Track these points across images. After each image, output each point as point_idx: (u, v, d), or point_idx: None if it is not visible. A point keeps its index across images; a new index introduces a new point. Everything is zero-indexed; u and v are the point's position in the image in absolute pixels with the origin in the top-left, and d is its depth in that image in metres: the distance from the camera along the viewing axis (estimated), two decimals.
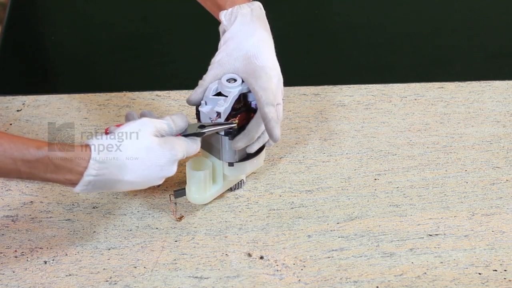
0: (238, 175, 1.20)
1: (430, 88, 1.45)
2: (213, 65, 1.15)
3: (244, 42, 1.13)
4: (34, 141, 1.02)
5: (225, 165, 1.18)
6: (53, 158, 1.01)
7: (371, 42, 1.61)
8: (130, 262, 1.13)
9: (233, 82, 1.12)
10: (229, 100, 1.12)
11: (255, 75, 1.11)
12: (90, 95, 1.41)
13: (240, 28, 1.14)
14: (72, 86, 1.49)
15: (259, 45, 1.13)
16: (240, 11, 1.15)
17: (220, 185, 1.20)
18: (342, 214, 1.21)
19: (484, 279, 1.12)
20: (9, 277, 1.11)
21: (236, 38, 1.13)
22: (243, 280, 1.11)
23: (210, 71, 1.14)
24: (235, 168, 1.18)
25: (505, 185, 1.27)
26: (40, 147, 1.01)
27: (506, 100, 1.43)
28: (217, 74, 1.14)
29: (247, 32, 1.14)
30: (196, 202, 1.19)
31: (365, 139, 1.34)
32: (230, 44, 1.14)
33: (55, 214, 1.20)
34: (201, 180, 1.17)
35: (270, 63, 1.13)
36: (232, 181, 1.22)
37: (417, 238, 1.18)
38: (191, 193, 1.18)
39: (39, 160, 1.01)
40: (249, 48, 1.13)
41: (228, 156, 1.16)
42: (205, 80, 1.14)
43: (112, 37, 1.62)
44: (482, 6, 1.72)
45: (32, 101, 1.40)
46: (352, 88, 1.45)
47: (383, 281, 1.11)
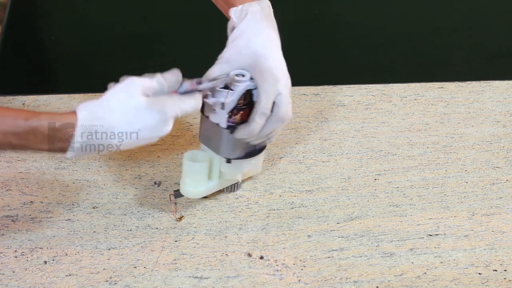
0: (235, 173, 1.20)
1: (430, 88, 1.45)
2: (221, 60, 1.14)
3: (253, 41, 1.13)
4: (22, 113, 1.02)
5: (222, 161, 1.17)
6: (41, 129, 1.02)
7: (371, 42, 1.61)
8: (130, 262, 1.13)
9: (242, 77, 1.12)
10: (235, 93, 1.12)
11: (262, 77, 1.11)
12: (90, 95, 1.41)
13: (249, 25, 1.14)
14: (72, 86, 1.49)
15: (267, 44, 1.13)
16: (250, 9, 1.14)
17: (215, 181, 1.20)
18: (342, 214, 1.21)
19: (484, 279, 1.12)
20: (9, 277, 1.11)
21: (245, 36, 1.13)
22: (243, 280, 1.11)
23: (216, 66, 1.13)
24: (232, 165, 1.17)
25: (505, 185, 1.27)
26: (28, 118, 1.02)
27: (506, 100, 1.43)
28: (223, 70, 1.13)
29: (256, 30, 1.13)
30: (189, 195, 1.19)
31: (365, 139, 1.34)
32: (239, 41, 1.13)
33: (55, 214, 1.20)
34: (196, 172, 1.16)
35: (278, 64, 1.13)
36: (228, 181, 1.22)
37: (417, 238, 1.18)
38: (185, 185, 1.17)
39: (29, 132, 1.02)
40: (257, 47, 1.13)
41: (226, 152, 1.16)
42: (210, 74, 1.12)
43: (112, 37, 1.62)
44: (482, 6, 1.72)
45: (32, 101, 1.40)
46: (352, 88, 1.45)
47: (383, 281, 1.12)
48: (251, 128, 1.12)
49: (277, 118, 1.12)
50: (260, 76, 1.11)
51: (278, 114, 1.12)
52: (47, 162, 1.28)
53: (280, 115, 1.12)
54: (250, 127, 1.12)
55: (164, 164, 1.29)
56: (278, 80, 1.11)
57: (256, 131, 1.12)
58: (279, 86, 1.12)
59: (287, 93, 1.13)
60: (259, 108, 1.11)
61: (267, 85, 1.11)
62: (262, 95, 1.11)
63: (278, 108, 1.12)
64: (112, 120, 1.04)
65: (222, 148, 1.15)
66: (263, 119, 1.11)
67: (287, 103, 1.12)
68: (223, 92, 1.12)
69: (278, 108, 1.12)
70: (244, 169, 1.19)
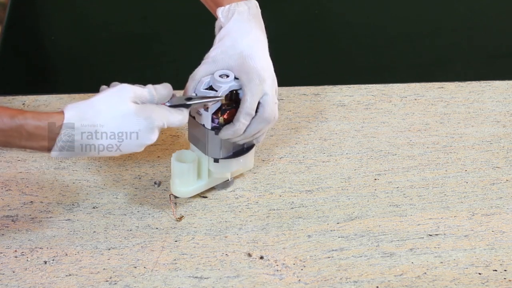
0: (224, 172, 1.20)
1: (430, 88, 1.45)
2: (207, 60, 1.14)
3: (239, 41, 1.13)
4: (8, 110, 1.02)
5: (210, 160, 1.18)
6: (26, 126, 1.02)
7: (371, 42, 1.61)
8: (130, 262, 1.13)
9: (226, 78, 1.12)
10: (218, 94, 1.12)
11: (248, 77, 1.12)
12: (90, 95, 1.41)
13: (236, 25, 1.14)
14: (72, 86, 1.49)
15: (254, 45, 1.13)
16: (237, 9, 1.15)
17: (205, 181, 1.20)
18: (342, 214, 1.21)
19: (484, 279, 1.12)
20: (9, 277, 1.11)
21: (231, 35, 1.13)
22: (243, 280, 1.11)
23: (203, 66, 1.14)
24: (220, 164, 1.18)
25: (505, 185, 1.27)
26: (14, 116, 1.02)
27: (506, 100, 1.43)
28: (209, 70, 1.13)
29: (243, 31, 1.14)
30: (179, 195, 1.20)
31: (365, 139, 1.34)
32: (226, 41, 1.14)
33: (55, 214, 1.20)
34: (184, 172, 1.17)
35: (264, 64, 1.13)
36: (218, 179, 1.22)
37: (417, 238, 1.18)
38: (175, 185, 1.18)
39: (13, 129, 1.02)
40: (244, 48, 1.13)
41: (213, 152, 1.16)
42: (196, 74, 1.13)
43: (112, 37, 1.62)
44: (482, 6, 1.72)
45: (32, 101, 1.40)
46: (352, 88, 1.45)
47: (383, 281, 1.11)
48: (236, 128, 1.12)
49: (262, 118, 1.12)
50: (246, 76, 1.12)
51: (263, 115, 1.12)
52: (47, 162, 1.28)
53: (265, 116, 1.12)
54: (234, 127, 1.12)
55: (164, 164, 1.29)
56: (264, 80, 1.12)
57: (240, 131, 1.12)
58: (265, 86, 1.12)
59: (273, 94, 1.13)
60: (244, 108, 1.11)
61: (253, 85, 1.11)
62: (247, 95, 1.11)
63: (263, 108, 1.12)
64: (100, 122, 1.04)
65: (209, 148, 1.16)
66: (247, 119, 1.12)
67: (273, 104, 1.13)
68: (207, 93, 1.12)
69: (264, 108, 1.12)
70: (232, 168, 1.20)
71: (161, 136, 1.33)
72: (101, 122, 1.04)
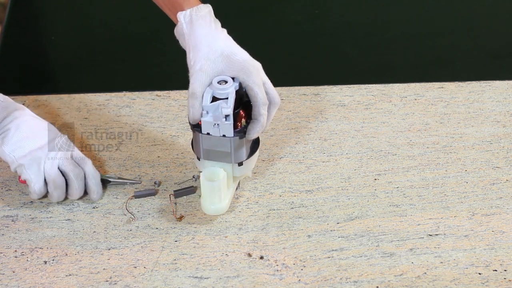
0: (246, 172, 1.21)
1: (430, 88, 1.45)
2: (196, 73, 1.13)
3: (214, 44, 1.14)
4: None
5: (235, 166, 1.18)
6: None
7: (371, 42, 1.61)
8: (130, 262, 1.13)
9: (225, 83, 1.12)
10: (230, 101, 1.12)
11: (245, 71, 1.13)
12: (90, 95, 1.41)
13: (205, 30, 1.15)
14: (72, 86, 1.49)
15: (229, 43, 1.15)
16: (199, 13, 1.15)
17: (232, 188, 1.20)
18: (342, 214, 1.21)
19: (484, 279, 1.12)
20: (9, 277, 1.11)
21: (205, 41, 1.14)
22: (243, 280, 1.11)
23: (197, 81, 1.13)
24: (244, 166, 1.18)
25: (505, 185, 1.27)
26: None
27: (506, 100, 1.43)
28: (204, 81, 1.13)
29: (213, 33, 1.15)
30: (215, 213, 1.19)
31: (365, 139, 1.34)
32: (202, 48, 1.14)
33: (55, 214, 1.20)
34: (216, 189, 1.16)
35: (246, 57, 1.15)
36: (236, 181, 1.22)
37: (417, 238, 1.18)
38: (206, 203, 1.17)
39: None
40: (222, 48, 1.14)
41: (238, 157, 1.16)
42: (196, 91, 1.12)
43: (112, 37, 1.62)
44: (482, 6, 1.72)
45: (32, 101, 1.40)
46: (352, 88, 1.45)
47: (383, 281, 1.11)
48: (261, 122, 1.14)
49: (274, 103, 1.16)
50: (242, 72, 1.13)
51: (274, 100, 1.16)
52: None
53: (275, 100, 1.16)
54: (260, 122, 1.14)
55: (164, 164, 1.29)
56: (258, 70, 1.14)
57: (265, 123, 1.15)
58: (261, 74, 1.15)
59: (267, 79, 1.16)
60: (258, 100, 1.13)
61: (253, 77, 1.13)
62: (254, 88, 1.13)
63: (269, 94, 1.15)
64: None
65: (234, 155, 1.16)
66: (266, 109, 1.14)
67: (273, 88, 1.16)
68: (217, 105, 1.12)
69: (269, 94, 1.15)
70: (253, 164, 1.21)
71: (161, 136, 1.33)
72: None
